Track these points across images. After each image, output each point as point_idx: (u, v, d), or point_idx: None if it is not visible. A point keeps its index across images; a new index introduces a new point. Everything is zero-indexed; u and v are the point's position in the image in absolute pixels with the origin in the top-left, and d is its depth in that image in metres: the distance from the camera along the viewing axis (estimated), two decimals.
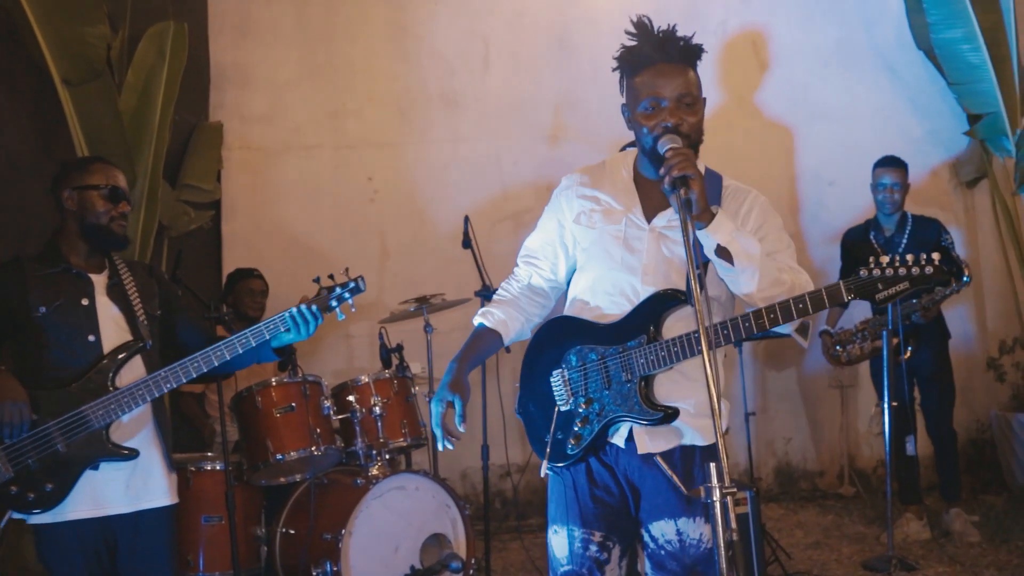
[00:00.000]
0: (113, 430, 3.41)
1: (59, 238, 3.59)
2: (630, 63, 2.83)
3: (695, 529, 2.81)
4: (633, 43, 2.82)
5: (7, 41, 5.50)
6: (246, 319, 5.86)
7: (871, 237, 6.06)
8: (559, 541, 2.92)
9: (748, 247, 2.69)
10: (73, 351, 3.41)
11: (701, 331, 2.35)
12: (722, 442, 2.23)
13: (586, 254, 2.97)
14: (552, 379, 2.93)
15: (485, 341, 3.04)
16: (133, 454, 3.41)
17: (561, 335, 2.95)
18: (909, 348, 5.85)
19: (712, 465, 2.24)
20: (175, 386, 3.42)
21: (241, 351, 3.45)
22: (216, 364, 3.43)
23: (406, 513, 4.87)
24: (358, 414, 5.07)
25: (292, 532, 4.98)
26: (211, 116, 6.94)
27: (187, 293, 4.95)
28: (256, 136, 7.03)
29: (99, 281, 3.55)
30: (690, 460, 2.84)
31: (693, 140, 2.79)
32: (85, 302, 3.47)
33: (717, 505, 2.24)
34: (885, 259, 2.64)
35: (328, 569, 4.60)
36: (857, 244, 6.14)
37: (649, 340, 2.79)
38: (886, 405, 5.41)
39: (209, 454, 5.33)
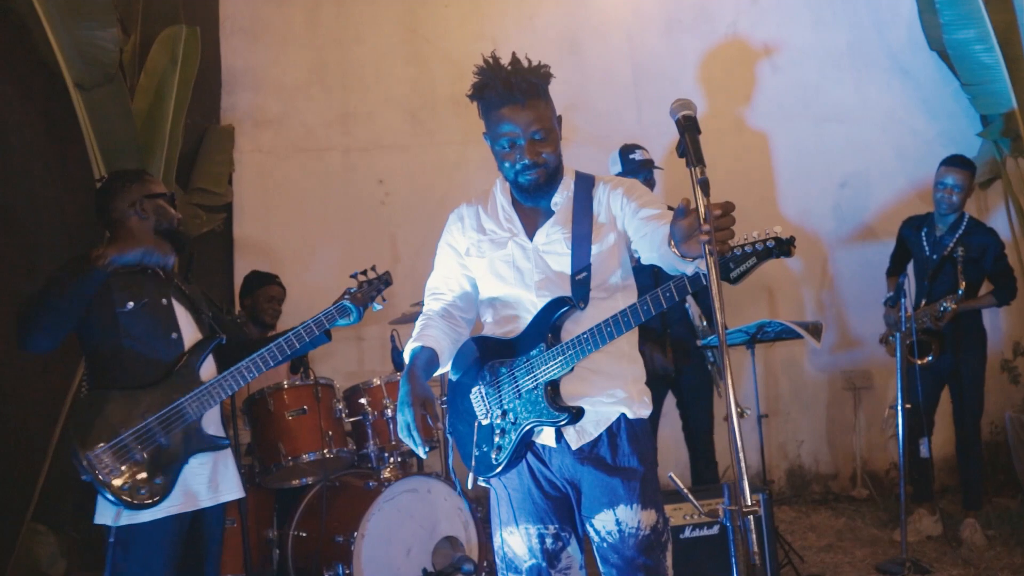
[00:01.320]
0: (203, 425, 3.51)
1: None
2: (482, 101, 3.10)
3: (633, 517, 2.94)
4: (482, 80, 3.08)
5: (20, 45, 5.52)
6: (261, 324, 5.85)
7: (923, 234, 6.01)
8: (516, 540, 3.06)
9: None
10: (155, 348, 3.49)
11: (719, 333, 2.34)
12: (742, 456, 2.20)
13: (483, 280, 3.16)
14: (471, 396, 3.11)
15: (421, 357, 3.09)
16: (227, 441, 3.55)
17: (474, 355, 3.13)
18: (930, 357, 5.82)
19: (728, 485, 2.25)
20: (256, 375, 3.54)
21: (308, 339, 3.66)
22: (289, 353, 3.61)
23: (418, 516, 4.87)
24: (370, 417, 5.07)
25: (304, 535, 4.98)
26: (222, 119, 6.96)
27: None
28: (267, 139, 7.04)
29: (168, 282, 3.68)
30: (614, 438, 2.99)
31: (553, 165, 3.04)
32: (165, 302, 3.57)
33: (734, 526, 2.24)
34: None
35: (340, 572, 4.60)
36: (910, 237, 6.12)
37: (548, 346, 2.96)
38: (900, 407, 5.39)
39: None
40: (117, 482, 3.30)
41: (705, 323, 5.50)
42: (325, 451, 4.94)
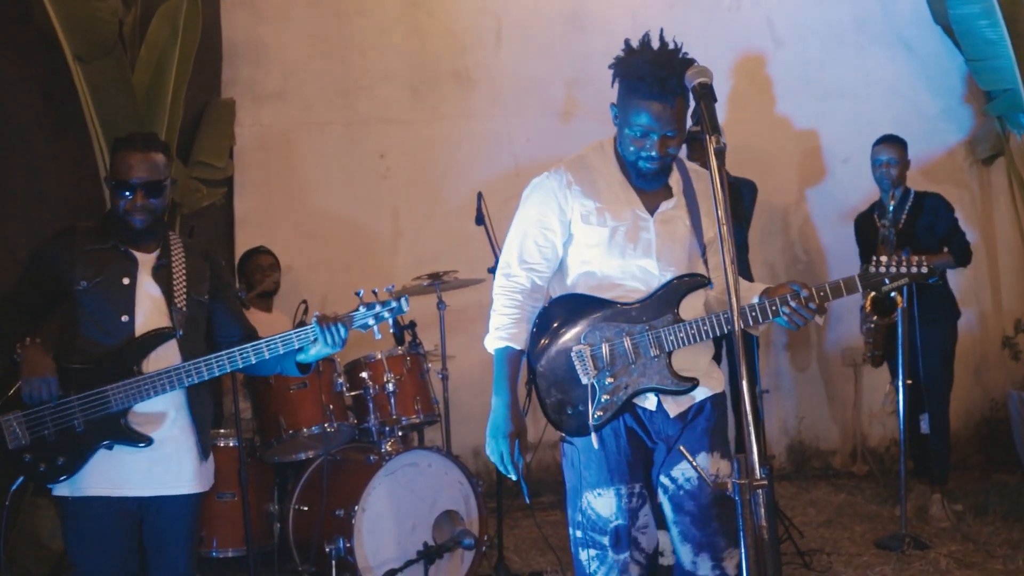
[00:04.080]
0: (140, 412, 3.39)
1: (112, 213, 3.58)
2: (626, 83, 3.14)
3: (712, 464, 3.11)
4: (632, 62, 3.10)
5: (20, 17, 5.49)
6: (263, 295, 5.91)
7: (875, 216, 6.04)
8: (605, 501, 3.11)
9: None
10: (105, 329, 3.39)
11: (734, 317, 2.35)
12: (753, 431, 2.28)
13: (597, 249, 3.15)
14: (572, 354, 3.09)
15: (515, 363, 3.19)
16: (145, 441, 3.38)
17: (579, 313, 3.12)
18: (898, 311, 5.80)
19: (739, 457, 2.30)
20: (196, 382, 3.39)
21: (268, 356, 3.43)
22: (241, 366, 3.42)
23: (419, 490, 4.88)
24: (371, 391, 5.07)
25: (305, 509, 5.00)
26: (223, 93, 6.92)
27: None
28: (268, 113, 7.02)
29: (146, 261, 3.51)
30: (714, 405, 3.18)
31: (672, 159, 3.14)
32: (126, 281, 3.44)
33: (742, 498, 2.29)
34: (884, 259, 3.10)
35: (341, 546, 4.62)
36: (866, 226, 6.16)
37: (675, 320, 3.06)
38: (900, 383, 5.40)
39: (222, 431, 5.35)
40: (19, 452, 3.29)
41: None
42: (326, 425, 4.95)
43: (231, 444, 4.99)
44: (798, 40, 7.42)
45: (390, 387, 5.06)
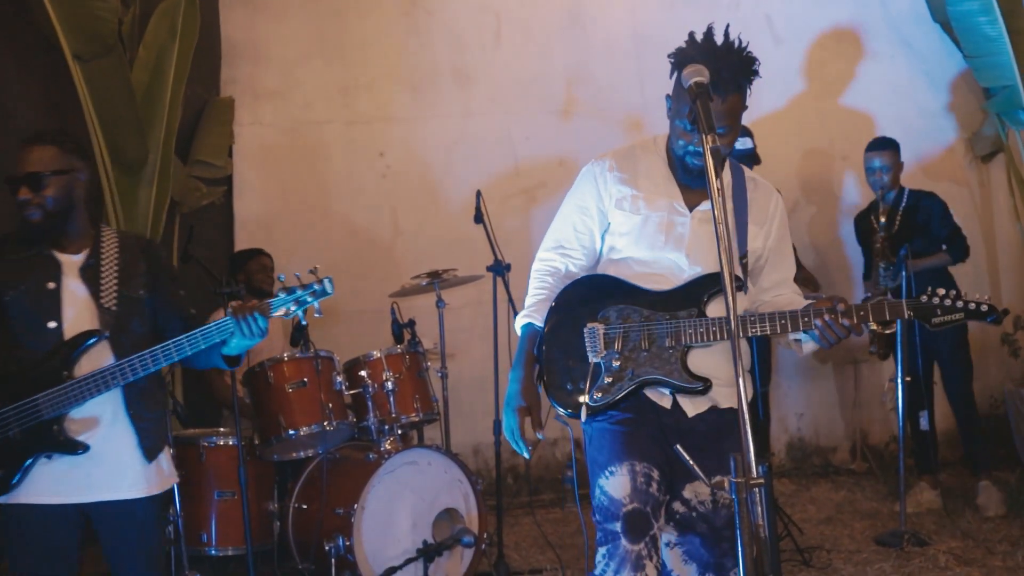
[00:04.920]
0: (77, 418, 3.26)
1: None
2: (681, 72, 2.91)
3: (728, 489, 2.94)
4: (692, 55, 2.99)
5: (19, 16, 5.50)
6: (261, 293, 5.89)
7: (872, 218, 6.04)
8: (618, 481, 2.93)
9: None
10: (35, 337, 3.27)
11: (733, 316, 2.34)
12: (748, 430, 2.24)
13: (627, 237, 3.10)
14: (585, 330, 3.03)
15: (536, 341, 3.14)
16: (82, 448, 3.24)
17: (601, 292, 3.08)
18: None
19: (735, 457, 2.25)
20: (123, 383, 3.24)
21: (190, 351, 3.26)
22: (164, 363, 3.26)
23: (418, 488, 4.88)
24: (370, 389, 5.07)
25: (305, 507, 5.00)
26: (222, 92, 6.92)
27: (199, 268, 4.97)
28: (267, 112, 7.01)
29: (72, 262, 3.38)
30: (720, 419, 3.03)
31: (723, 157, 3.06)
32: (51, 286, 3.31)
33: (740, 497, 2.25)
34: (941, 291, 2.92)
35: (341, 544, 4.62)
36: (864, 226, 6.18)
37: (699, 315, 2.98)
38: (900, 380, 5.40)
39: (221, 429, 5.35)
40: None
41: None
42: (325, 423, 4.95)
43: (231, 443, 5.00)
44: (797, 38, 7.41)
45: (389, 385, 5.06)
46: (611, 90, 7.11)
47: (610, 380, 2.99)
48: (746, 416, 2.22)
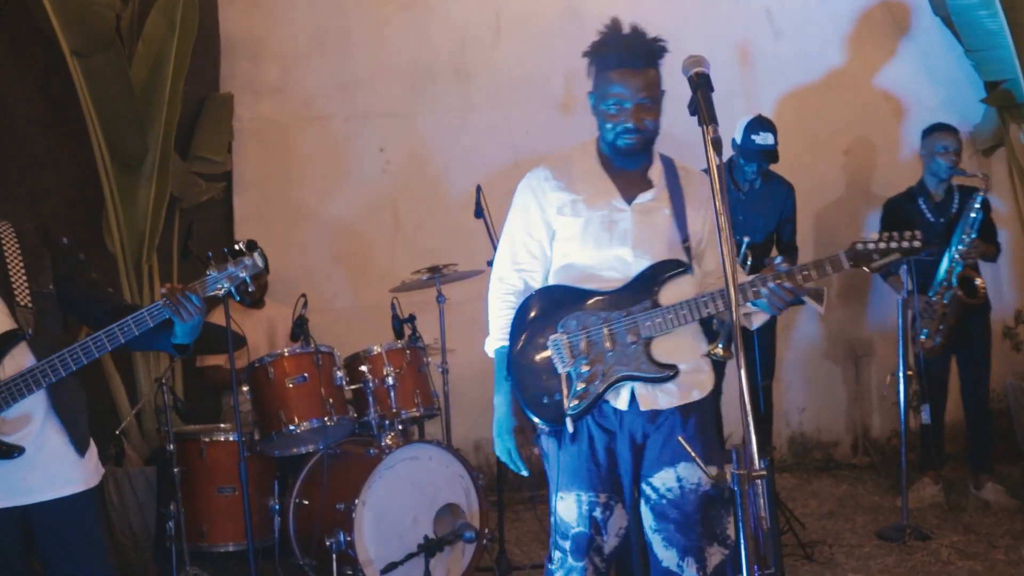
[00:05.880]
0: (8, 420, 3.12)
1: None
2: (597, 60, 3.14)
3: (693, 474, 3.06)
4: (602, 40, 3.13)
5: (17, 12, 5.48)
6: (248, 301, 5.80)
7: (920, 203, 6.00)
8: (567, 506, 3.13)
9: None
10: None
11: (732, 299, 2.34)
12: (751, 422, 2.26)
13: (573, 241, 3.18)
14: (549, 343, 3.10)
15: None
16: (18, 451, 3.12)
17: (556, 303, 3.15)
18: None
19: (736, 448, 2.28)
20: (54, 381, 3.10)
21: (123, 340, 3.11)
22: (97, 354, 3.11)
23: (419, 483, 4.88)
24: (371, 384, 5.06)
25: (305, 503, 5.00)
26: (222, 87, 6.90)
27: (199, 264, 4.95)
28: (267, 107, 7.00)
29: None
30: (690, 413, 3.13)
31: (651, 134, 3.14)
32: None
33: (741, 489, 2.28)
34: (875, 235, 3.05)
35: (342, 539, 4.62)
36: (904, 211, 6.07)
37: (653, 306, 3.05)
38: (901, 374, 5.39)
39: (222, 425, 5.35)
40: None
41: None
42: (326, 419, 4.94)
43: (231, 438, 4.99)
44: (797, 30, 7.39)
45: (390, 381, 5.05)
46: None
47: (583, 386, 3.06)
48: (748, 407, 2.22)
